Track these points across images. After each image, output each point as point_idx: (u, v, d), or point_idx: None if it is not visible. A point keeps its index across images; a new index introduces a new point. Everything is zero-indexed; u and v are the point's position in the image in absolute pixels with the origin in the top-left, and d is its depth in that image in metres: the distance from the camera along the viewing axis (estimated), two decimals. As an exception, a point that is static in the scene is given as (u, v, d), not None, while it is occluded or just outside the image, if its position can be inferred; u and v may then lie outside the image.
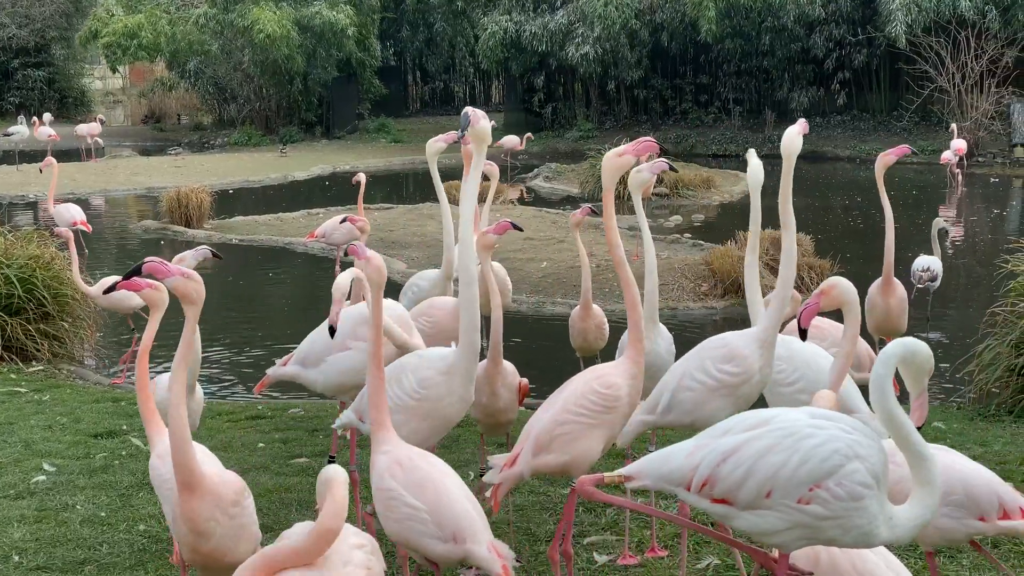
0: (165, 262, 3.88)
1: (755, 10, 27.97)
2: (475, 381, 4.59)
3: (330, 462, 5.60)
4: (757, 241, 5.17)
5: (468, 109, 4.58)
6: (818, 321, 5.76)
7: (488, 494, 4.38)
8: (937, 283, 10.52)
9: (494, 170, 7.91)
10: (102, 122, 30.82)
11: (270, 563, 3.14)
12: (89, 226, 13.51)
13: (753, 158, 5.15)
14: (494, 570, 3.72)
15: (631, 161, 4.57)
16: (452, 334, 5.75)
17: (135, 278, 3.92)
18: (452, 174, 10.35)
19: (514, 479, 4.28)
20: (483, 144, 4.57)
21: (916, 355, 3.22)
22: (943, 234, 10.76)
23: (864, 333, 6.40)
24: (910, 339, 3.24)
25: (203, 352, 5.39)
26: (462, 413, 4.42)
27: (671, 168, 5.30)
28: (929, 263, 10.44)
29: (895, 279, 7.43)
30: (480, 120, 4.57)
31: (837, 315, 4.24)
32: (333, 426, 5.22)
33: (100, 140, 29.05)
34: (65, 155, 27.82)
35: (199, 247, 5.42)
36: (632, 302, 4.38)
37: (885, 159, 6.78)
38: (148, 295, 4.04)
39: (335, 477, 3.25)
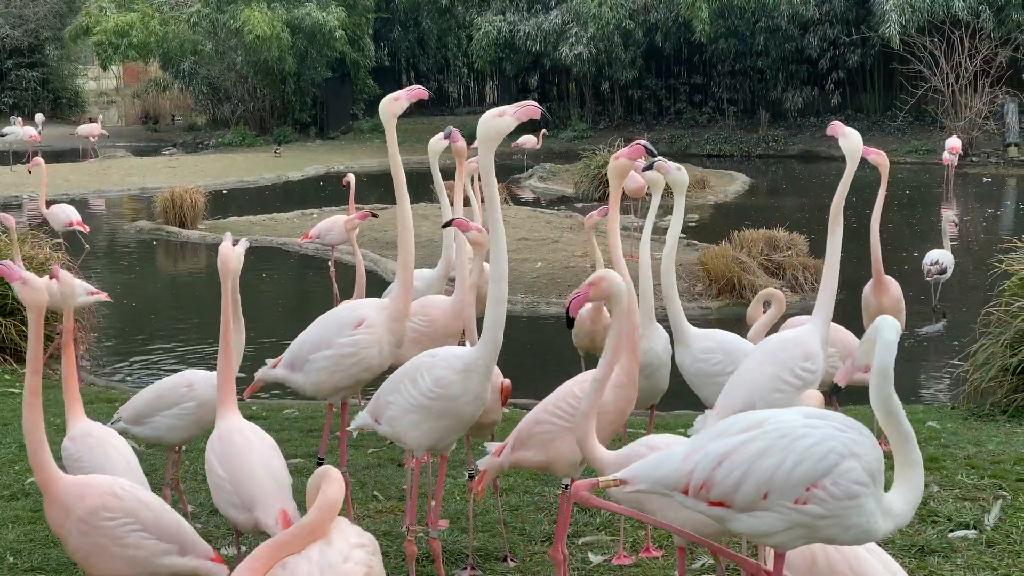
0: (12, 265, 3.89)
1: (749, 10, 28.00)
2: None
3: (319, 464, 5.57)
4: (672, 263, 5.29)
5: (506, 106, 4.26)
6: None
7: (476, 479, 4.52)
8: (947, 275, 10.63)
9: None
10: (100, 123, 30.78)
11: (271, 552, 3.10)
12: (86, 226, 13.45)
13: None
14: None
15: (629, 164, 4.71)
16: (448, 333, 5.74)
17: (8, 269, 3.90)
18: (452, 173, 10.31)
19: (496, 468, 4.43)
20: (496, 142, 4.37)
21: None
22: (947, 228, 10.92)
23: (862, 333, 6.37)
24: (891, 318, 3.27)
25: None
26: (479, 412, 4.39)
27: (649, 151, 4.97)
28: (938, 256, 10.55)
29: (887, 278, 7.25)
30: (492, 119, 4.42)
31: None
32: (348, 428, 5.17)
33: (96, 139, 29.04)
34: (59, 156, 27.80)
35: (241, 240, 5.50)
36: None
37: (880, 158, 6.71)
38: (20, 290, 3.86)
39: (328, 470, 3.28)
